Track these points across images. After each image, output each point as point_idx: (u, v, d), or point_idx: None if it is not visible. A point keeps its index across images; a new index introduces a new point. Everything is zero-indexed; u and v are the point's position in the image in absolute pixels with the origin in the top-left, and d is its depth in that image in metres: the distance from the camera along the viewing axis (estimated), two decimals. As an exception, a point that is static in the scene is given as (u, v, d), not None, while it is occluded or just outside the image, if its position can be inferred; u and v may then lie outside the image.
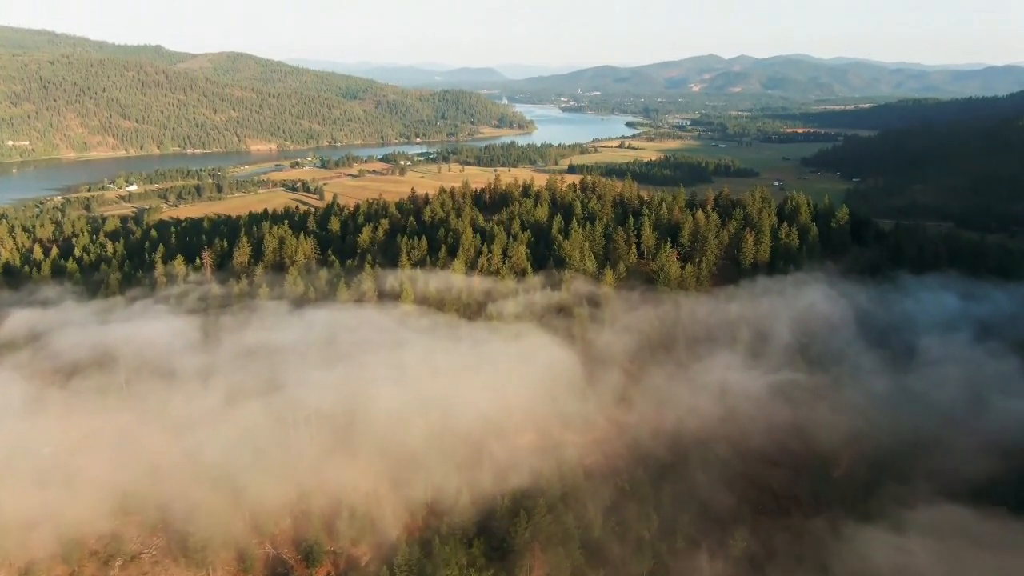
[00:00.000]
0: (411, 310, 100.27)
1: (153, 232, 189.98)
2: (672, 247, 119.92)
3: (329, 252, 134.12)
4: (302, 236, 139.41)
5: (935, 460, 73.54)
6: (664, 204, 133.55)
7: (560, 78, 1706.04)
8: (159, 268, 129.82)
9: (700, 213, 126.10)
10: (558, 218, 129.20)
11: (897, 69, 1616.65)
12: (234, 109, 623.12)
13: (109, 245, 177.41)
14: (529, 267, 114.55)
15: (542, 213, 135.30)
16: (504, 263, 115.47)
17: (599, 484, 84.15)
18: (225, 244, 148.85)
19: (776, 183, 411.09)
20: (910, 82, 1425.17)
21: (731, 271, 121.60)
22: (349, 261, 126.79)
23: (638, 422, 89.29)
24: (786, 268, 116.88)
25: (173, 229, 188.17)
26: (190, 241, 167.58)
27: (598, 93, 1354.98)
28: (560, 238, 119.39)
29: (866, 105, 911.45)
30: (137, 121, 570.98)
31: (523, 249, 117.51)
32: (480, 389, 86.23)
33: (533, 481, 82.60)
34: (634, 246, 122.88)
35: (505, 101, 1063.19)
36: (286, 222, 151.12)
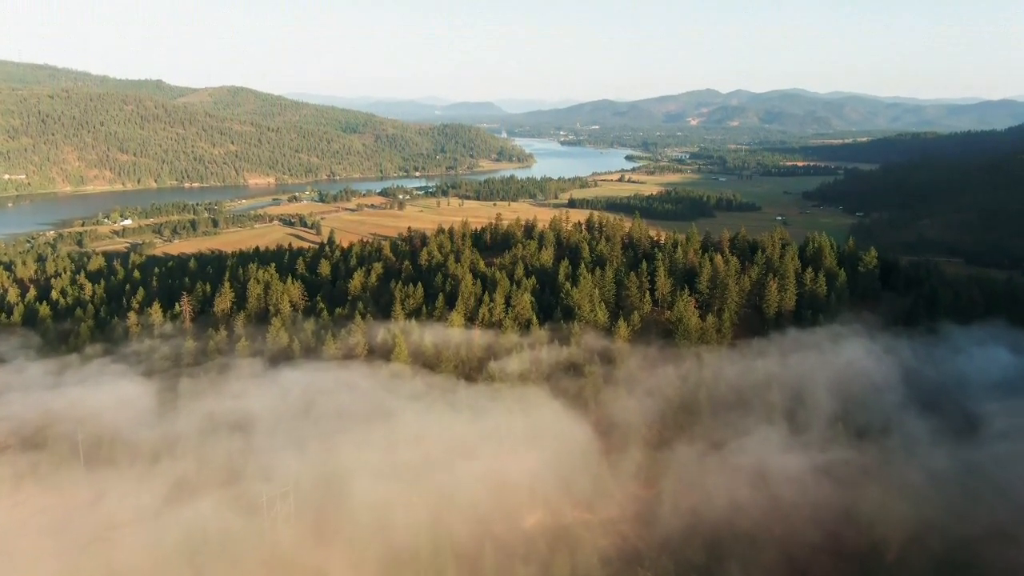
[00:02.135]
0: (403, 370, 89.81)
1: (136, 272, 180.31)
2: (689, 295, 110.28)
3: (318, 298, 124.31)
4: (290, 280, 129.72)
5: (1015, 554, 62.61)
6: (679, 247, 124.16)
7: (559, 112, 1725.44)
8: (132, 317, 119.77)
9: (719, 257, 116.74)
10: (565, 262, 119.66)
11: (893, 103, 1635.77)
12: (233, 143, 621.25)
13: (88, 287, 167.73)
14: (534, 317, 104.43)
15: (547, 256, 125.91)
16: (507, 313, 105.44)
17: (618, 572, 73.10)
18: (208, 288, 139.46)
19: (778, 217, 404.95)
20: (906, 116, 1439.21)
21: (754, 321, 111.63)
22: (339, 309, 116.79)
23: (659, 499, 78.41)
24: (815, 318, 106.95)
25: (157, 270, 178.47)
26: (173, 284, 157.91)
27: (597, 127, 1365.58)
28: (568, 285, 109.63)
29: (864, 139, 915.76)
30: (135, 155, 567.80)
31: (527, 297, 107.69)
32: (481, 463, 75.48)
33: (543, 571, 71.62)
34: (647, 293, 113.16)
35: (504, 135, 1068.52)
36: (273, 265, 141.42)
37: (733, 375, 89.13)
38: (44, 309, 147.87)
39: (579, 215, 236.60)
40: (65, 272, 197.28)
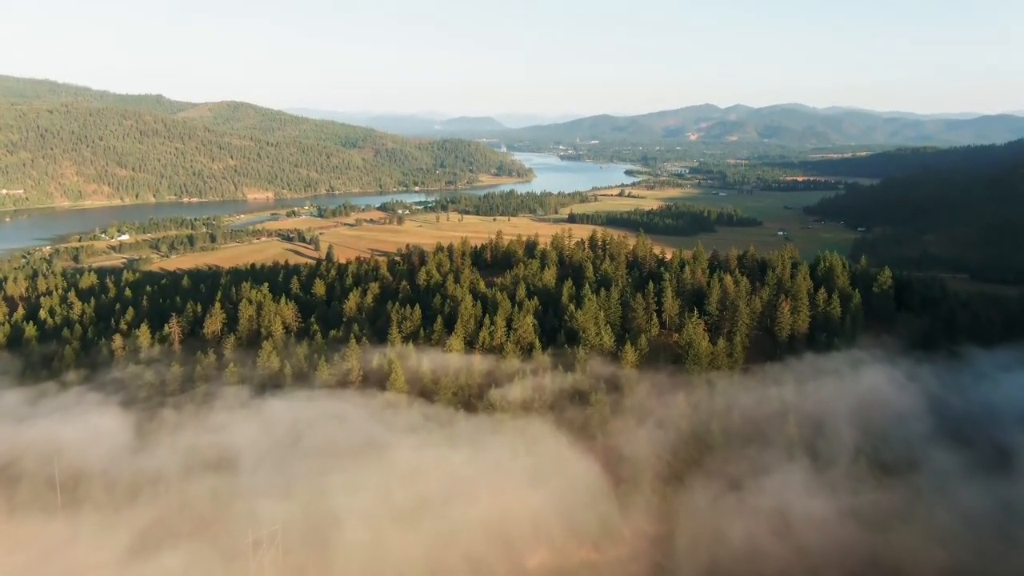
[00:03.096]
0: (399, 400, 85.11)
1: (127, 291, 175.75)
2: (699, 317, 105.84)
3: (312, 320, 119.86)
4: (283, 301, 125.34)
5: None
6: (687, 266, 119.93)
7: (558, 127, 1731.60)
8: (117, 341, 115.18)
9: (728, 278, 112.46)
10: (568, 283, 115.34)
11: (891, 118, 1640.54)
12: (232, 157, 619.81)
13: (77, 306, 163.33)
14: (537, 341, 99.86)
15: (550, 276, 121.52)
16: (508, 337, 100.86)
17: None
18: (199, 308, 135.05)
19: (780, 232, 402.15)
20: (905, 131, 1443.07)
21: (765, 344, 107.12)
22: (333, 331, 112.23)
23: (672, 538, 73.49)
24: (829, 341, 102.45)
25: (149, 288, 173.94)
26: (164, 303, 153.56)
27: (596, 141, 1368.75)
28: (572, 307, 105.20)
29: (863, 153, 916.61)
30: (134, 169, 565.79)
31: (530, 320, 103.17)
32: (481, 500, 70.68)
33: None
34: (655, 315, 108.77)
35: (504, 149, 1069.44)
36: (267, 284, 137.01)
37: (748, 404, 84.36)
38: (30, 329, 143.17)
39: (581, 231, 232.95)
40: (56, 290, 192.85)
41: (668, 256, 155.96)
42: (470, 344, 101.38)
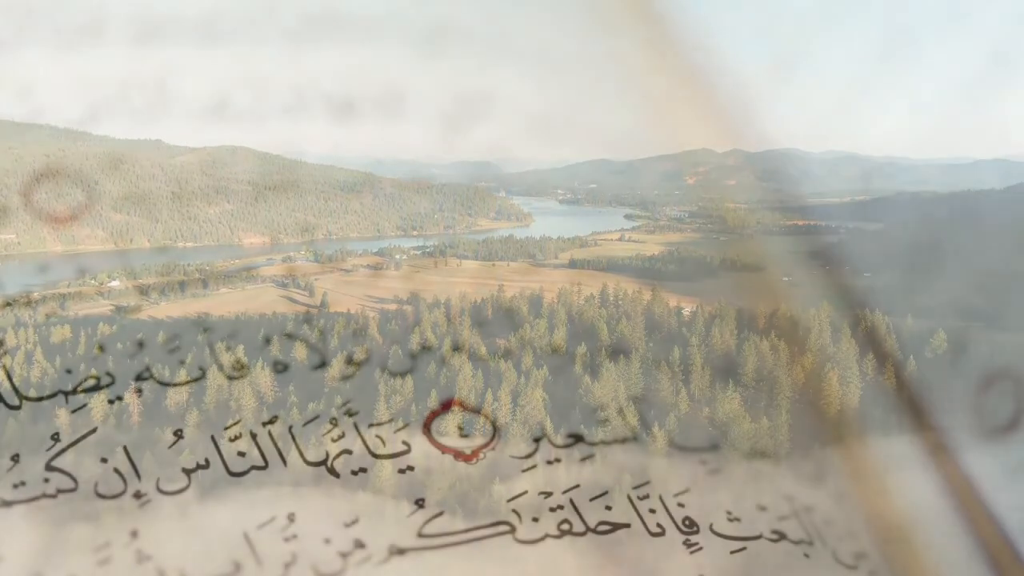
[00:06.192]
0: (381, 505, 70.59)
1: (97, 348, 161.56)
2: (733, 389, 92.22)
3: (290, 390, 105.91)
4: (259, 366, 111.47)
5: None
6: (715, 327, 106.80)
7: (557, 171, 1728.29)
8: (62, 416, 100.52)
9: (764, 342, 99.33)
10: (581, 348, 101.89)
11: (887, 162, 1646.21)
12: (228, 201, 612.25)
13: (38, 366, 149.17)
14: (547, 421, 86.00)
15: (559, 339, 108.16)
16: (514, 416, 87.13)
17: None
18: (167, 372, 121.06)
19: (786, 278, 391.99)
20: (901, 175, 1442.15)
21: (810, 422, 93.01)
22: (312, 404, 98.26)
23: None
24: (887, 418, 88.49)
25: (119, 345, 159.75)
26: (132, 363, 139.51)
27: (594, 185, 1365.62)
28: (587, 379, 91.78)
29: (862, 197, 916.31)
30: (128, 214, 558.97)
31: (539, 395, 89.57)
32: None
33: None
34: (682, 386, 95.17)
35: (503, 194, 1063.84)
36: (241, 347, 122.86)
37: (814, 505, 69.42)
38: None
39: (587, 279, 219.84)
40: (25, 344, 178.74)
41: (678, 305, 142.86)
42: (469, 424, 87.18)
